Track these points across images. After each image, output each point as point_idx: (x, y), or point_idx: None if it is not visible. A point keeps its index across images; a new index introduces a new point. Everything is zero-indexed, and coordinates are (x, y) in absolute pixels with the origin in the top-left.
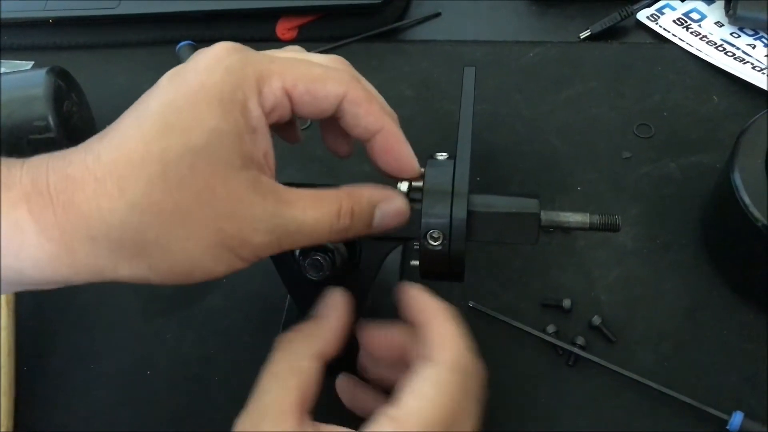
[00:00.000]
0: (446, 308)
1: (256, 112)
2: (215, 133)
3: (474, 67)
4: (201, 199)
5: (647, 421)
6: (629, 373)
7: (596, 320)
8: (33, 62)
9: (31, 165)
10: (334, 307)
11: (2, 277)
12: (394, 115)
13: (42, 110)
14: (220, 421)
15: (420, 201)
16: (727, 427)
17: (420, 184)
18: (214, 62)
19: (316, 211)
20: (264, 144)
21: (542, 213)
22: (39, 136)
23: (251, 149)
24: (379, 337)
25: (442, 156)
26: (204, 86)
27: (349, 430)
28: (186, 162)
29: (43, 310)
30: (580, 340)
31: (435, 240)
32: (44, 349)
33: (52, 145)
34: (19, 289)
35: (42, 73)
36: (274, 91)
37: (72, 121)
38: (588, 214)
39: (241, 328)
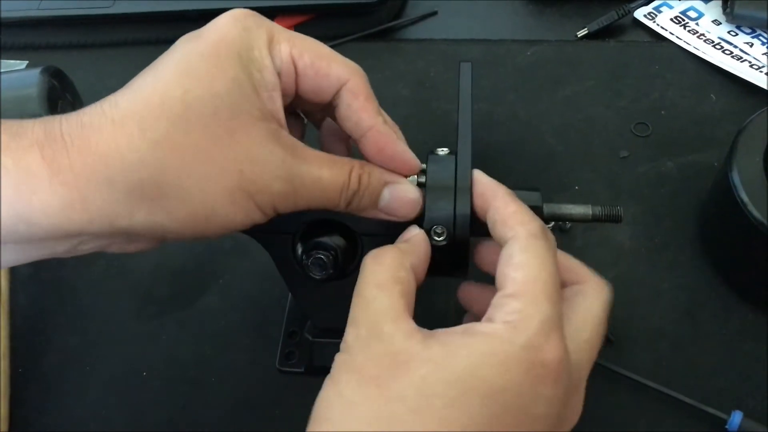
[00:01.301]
0: (503, 188)
1: (271, 70)
2: (236, 83)
3: (470, 63)
4: (222, 141)
5: (646, 421)
6: (628, 372)
7: None
8: (27, 62)
9: (44, 119)
10: (417, 233)
11: (12, 231)
12: (397, 130)
13: (36, 110)
14: (216, 423)
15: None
16: (726, 427)
17: (422, 179)
18: (232, 21)
19: (330, 170)
20: (280, 103)
21: (545, 206)
22: None
23: (272, 105)
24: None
25: (443, 151)
26: (224, 40)
27: (469, 324)
28: (208, 105)
29: (37, 311)
30: None
31: (439, 235)
32: (39, 351)
33: None
34: (28, 253)
35: (36, 72)
36: (281, 54)
37: None
38: (590, 206)
39: (237, 329)
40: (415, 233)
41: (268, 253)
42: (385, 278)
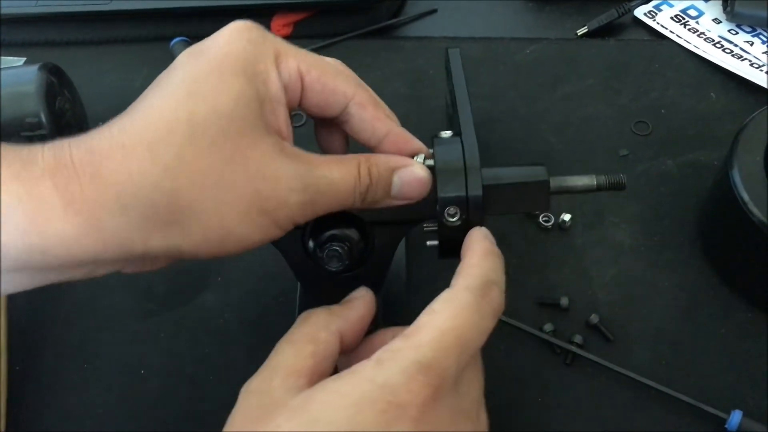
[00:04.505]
0: (483, 245)
1: (276, 83)
2: (242, 99)
3: (458, 49)
4: (233, 161)
5: (645, 420)
6: (627, 371)
7: (594, 319)
8: (25, 58)
9: (52, 144)
10: (362, 296)
11: (27, 260)
12: (393, 116)
13: (34, 107)
14: (214, 422)
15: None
16: (726, 426)
17: (430, 162)
18: (237, 34)
19: (340, 170)
20: (284, 116)
21: (551, 179)
22: (31, 133)
23: (274, 119)
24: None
25: (446, 134)
26: (228, 55)
27: (364, 361)
28: (215, 125)
29: (35, 309)
30: (577, 339)
31: (452, 216)
32: (36, 349)
33: (45, 142)
34: (43, 278)
35: (34, 69)
36: (289, 69)
37: (64, 118)
38: (594, 176)
39: (236, 327)
40: (358, 295)
41: (278, 251)
42: (300, 336)
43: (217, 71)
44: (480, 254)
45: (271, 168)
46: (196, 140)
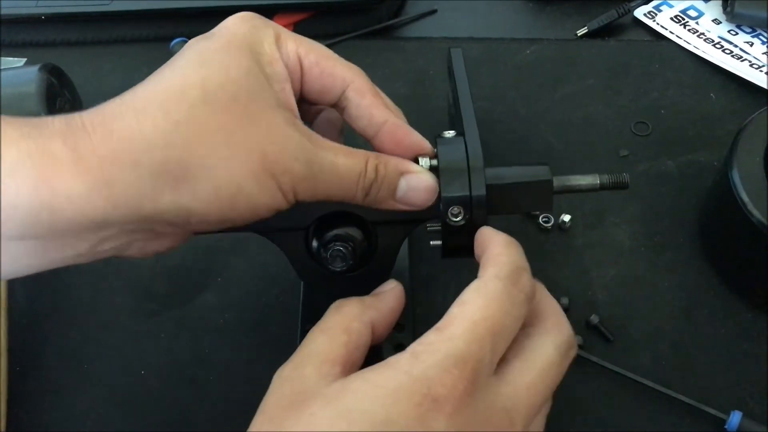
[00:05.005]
0: (502, 236)
1: (280, 63)
2: (252, 73)
3: (460, 49)
4: (243, 123)
5: (645, 420)
6: (627, 372)
7: (594, 319)
8: (25, 59)
9: (63, 115)
10: (392, 289)
11: (35, 221)
12: (400, 113)
13: (34, 107)
14: (214, 422)
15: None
16: (726, 427)
17: (434, 162)
18: (240, 21)
19: (346, 159)
20: (291, 95)
21: (554, 179)
22: None
23: (284, 96)
24: None
25: (449, 134)
26: (235, 37)
27: (399, 354)
28: (227, 91)
29: (35, 309)
30: (577, 339)
31: (455, 216)
32: (36, 349)
33: None
34: (48, 256)
35: (34, 70)
36: (288, 51)
37: None
38: (597, 175)
39: (236, 327)
40: (389, 287)
41: (282, 251)
42: (333, 325)
43: (226, 49)
44: (503, 244)
45: (279, 135)
46: (208, 102)
